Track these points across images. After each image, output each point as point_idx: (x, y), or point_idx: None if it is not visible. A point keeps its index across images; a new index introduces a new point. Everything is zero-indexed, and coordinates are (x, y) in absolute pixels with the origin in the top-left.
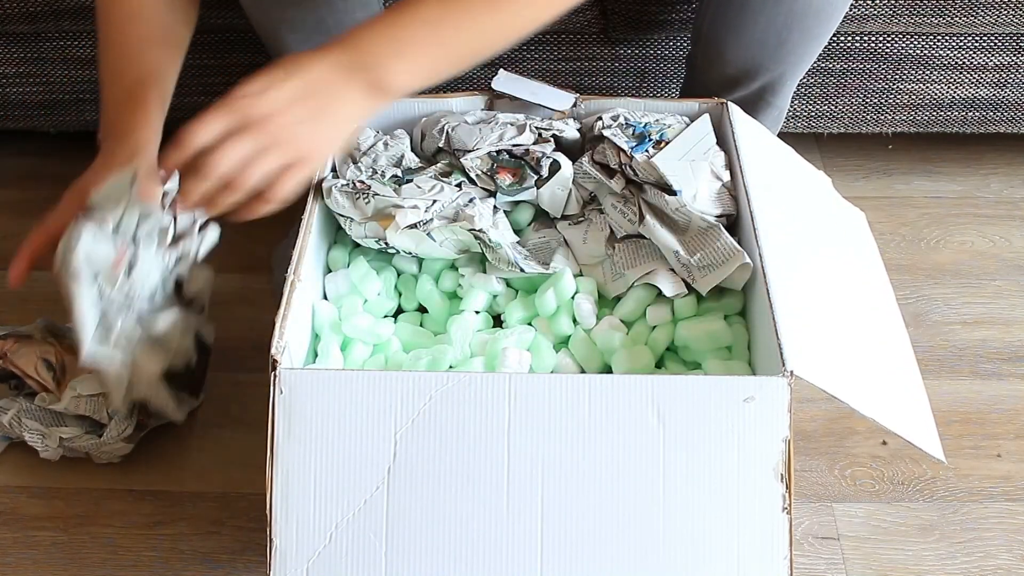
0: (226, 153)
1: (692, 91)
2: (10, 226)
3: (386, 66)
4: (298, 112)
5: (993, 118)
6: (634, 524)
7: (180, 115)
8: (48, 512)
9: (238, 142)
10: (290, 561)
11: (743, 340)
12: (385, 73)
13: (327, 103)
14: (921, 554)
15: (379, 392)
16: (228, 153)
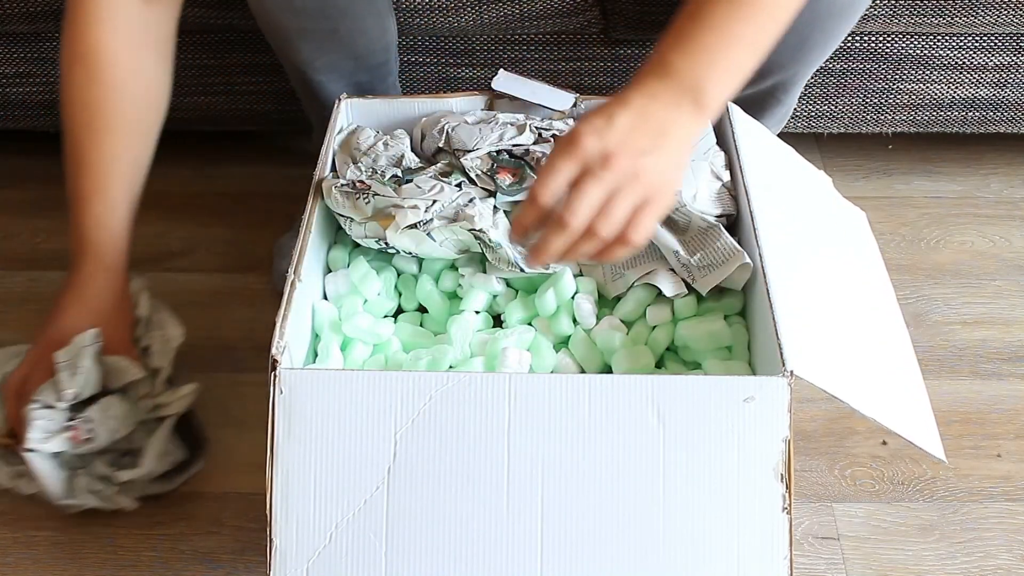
0: (581, 203)
1: None
2: (10, 226)
3: (704, 83)
4: (639, 143)
5: (993, 118)
6: (634, 524)
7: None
8: (48, 512)
9: (590, 189)
10: (290, 561)
11: (743, 340)
12: (705, 89)
13: (663, 129)
14: (921, 554)
15: (379, 392)
16: (583, 203)
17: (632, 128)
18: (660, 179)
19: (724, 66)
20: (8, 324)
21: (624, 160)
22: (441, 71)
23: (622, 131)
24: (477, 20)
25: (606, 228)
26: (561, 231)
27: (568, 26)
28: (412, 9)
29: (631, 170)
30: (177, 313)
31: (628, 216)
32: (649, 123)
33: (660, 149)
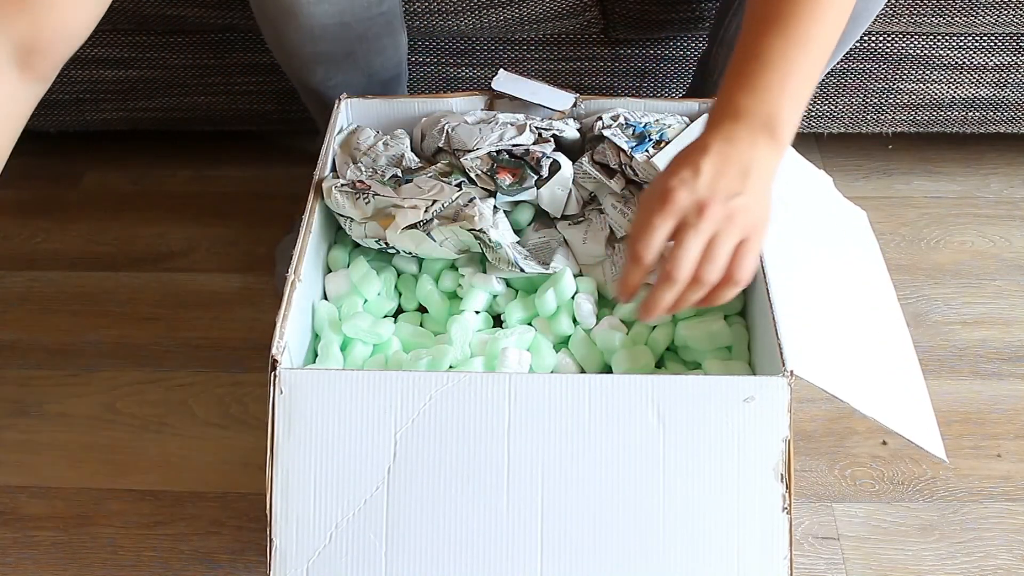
0: (685, 256)
1: (703, 91)
2: (10, 226)
3: (774, 117)
4: (727, 186)
5: (993, 118)
6: (634, 524)
7: (180, 115)
8: (48, 512)
9: (690, 240)
10: (290, 561)
11: (743, 340)
12: (776, 123)
13: (747, 169)
14: (921, 554)
15: (379, 392)
16: (686, 255)
17: (718, 174)
18: (754, 216)
19: (789, 97)
20: (8, 324)
21: (717, 206)
22: (441, 71)
23: (709, 178)
24: (477, 23)
25: (711, 274)
26: (669, 285)
27: (568, 27)
28: (413, 13)
29: (725, 214)
30: (177, 313)
31: (730, 258)
32: (732, 166)
33: (747, 188)
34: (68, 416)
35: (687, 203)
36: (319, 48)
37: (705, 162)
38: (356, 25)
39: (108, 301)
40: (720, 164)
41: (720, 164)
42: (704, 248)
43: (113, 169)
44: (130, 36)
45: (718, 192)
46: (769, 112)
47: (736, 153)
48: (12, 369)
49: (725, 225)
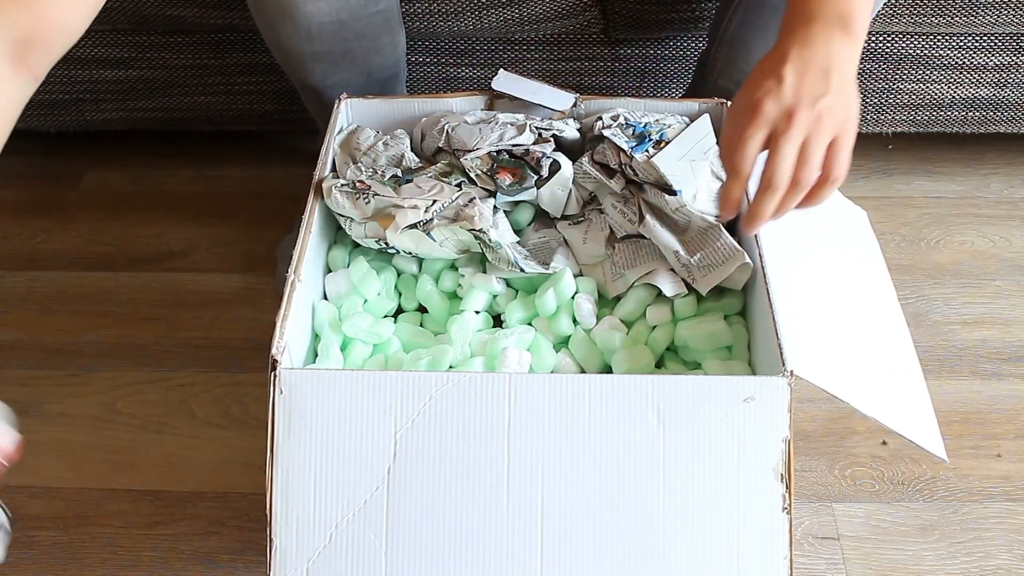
0: (781, 163)
1: (703, 91)
2: (10, 226)
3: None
4: (811, 89)
5: (993, 118)
6: (634, 524)
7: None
8: (48, 512)
9: (785, 147)
10: (290, 561)
11: (743, 340)
12: (849, 17)
13: (826, 68)
14: (921, 554)
15: (379, 392)
16: (783, 162)
17: (801, 78)
18: (841, 114)
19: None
20: (8, 324)
21: (805, 111)
22: (441, 71)
23: (793, 85)
24: (477, 24)
25: (808, 175)
26: (771, 193)
27: (568, 27)
28: (413, 14)
29: (813, 117)
30: (177, 313)
31: (824, 157)
32: (813, 68)
33: (831, 87)
34: (68, 416)
35: (776, 112)
36: (316, 47)
37: (787, 69)
38: (353, 23)
39: (108, 301)
40: (801, 68)
41: (801, 68)
42: (798, 153)
43: (113, 169)
44: (130, 36)
45: (803, 96)
46: (841, 8)
47: (814, 55)
48: (12, 369)
49: (815, 127)
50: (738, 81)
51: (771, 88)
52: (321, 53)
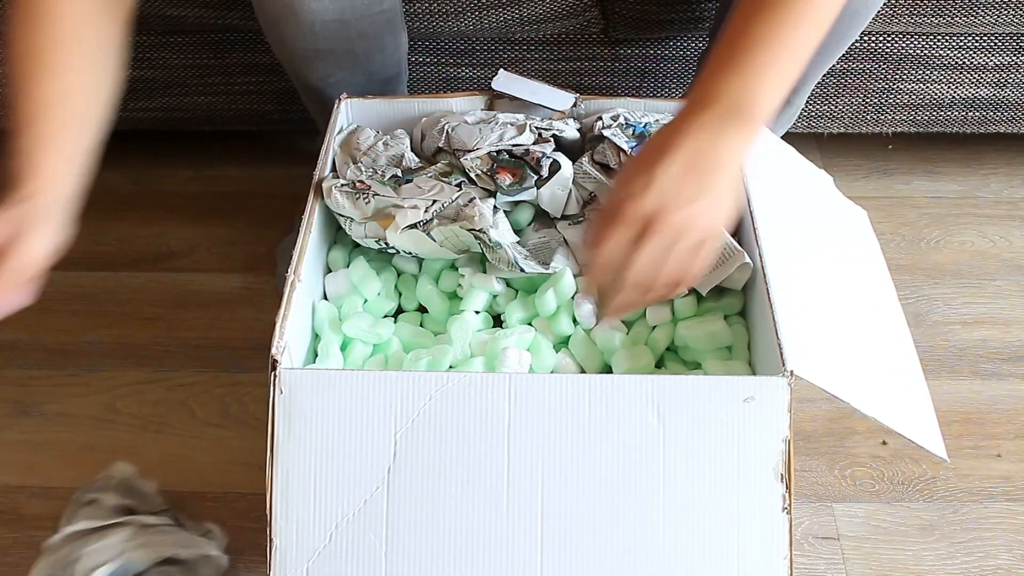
0: (637, 264)
1: None
2: None
3: (751, 102)
4: (688, 192)
5: (993, 118)
6: (634, 524)
7: (180, 115)
8: (48, 512)
9: (645, 248)
10: (290, 561)
11: (743, 340)
12: (752, 107)
13: (711, 166)
14: (921, 554)
15: (379, 392)
16: (640, 263)
17: (679, 181)
18: (712, 218)
19: (773, 80)
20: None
21: (669, 218)
22: (441, 71)
23: (669, 187)
24: (477, 24)
25: (660, 280)
26: (627, 294)
27: (568, 27)
28: (413, 14)
29: (683, 225)
30: (177, 313)
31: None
32: (695, 168)
33: (708, 192)
34: (68, 416)
35: (638, 217)
36: (319, 45)
37: (661, 168)
38: (356, 23)
39: (108, 301)
40: (683, 168)
41: (683, 168)
42: (656, 260)
43: (113, 169)
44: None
45: (670, 203)
46: (747, 96)
47: (702, 149)
48: (12, 369)
49: (680, 237)
50: None
51: (639, 191)
52: (323, 51)
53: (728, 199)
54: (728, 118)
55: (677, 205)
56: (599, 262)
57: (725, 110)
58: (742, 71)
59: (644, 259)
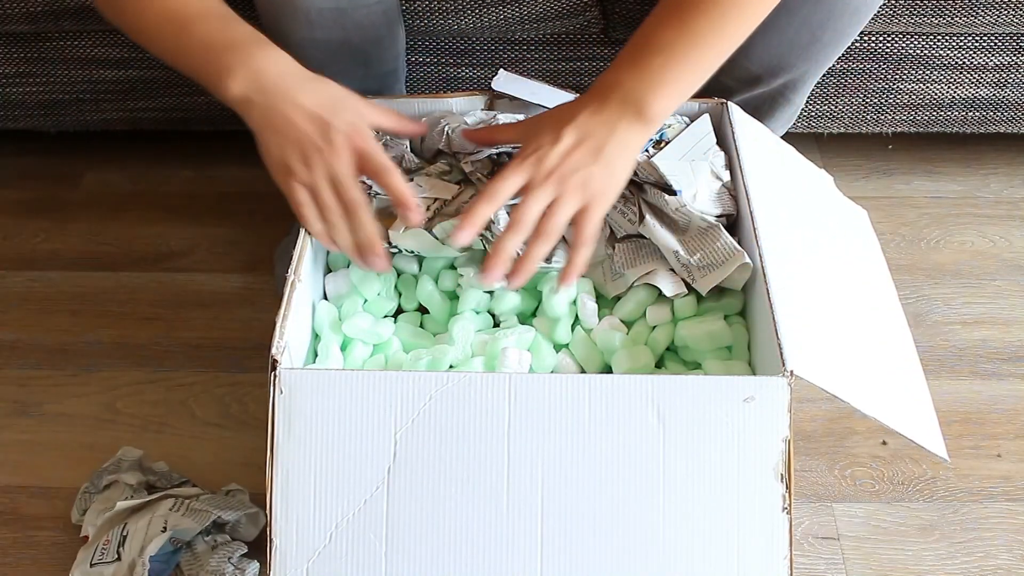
0: (528, 206)
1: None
2: (10, 226)
3: (645, 99)
4: (580, 158)
5: (993, 118)
6: (634, 524)
7: (180, 115)
8: (48, 512)
9: (537, 195)
10: (290, 561)
11: (743, 340)
12: (646, 105)
13: (603, 142)
14: (921, 554)
15: (379, 392)
16: (530, 206)
17: (576, 143)
18: (599, 185)
19: (669, 83)
20: (8, 324)
21: (565, 174)
22: (441, 71)
23: (566, 146)
24: (478, 22)
25: (550, 227)
26: (513, 233)
27: (568, 27)
28: (413, 12)
29: (572, 181)
30: (177, 313)
31: (570, 218)
32: (593, 138)
33: (602, 160)
34: (68, 416)
35: (536, 169)
36: (316, 34)
37: (566, 133)
38: (352, 12)
39: (108, 301)
40: (580, 135)
41: (580, 135)
42: (545, 208)
43: (113, 169)
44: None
45: (568, 160)
46: (643, 92)
47: (596, 129)
48: (12, 369)
49: (566, 190)
50: (738, 78)
51: (543, 145)
52: (320, 41)
53: (618, 177)
54: (623, 108)
55: (570, 166)
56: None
57: (622, 101)
58: (641, 72)
59: (535, 201)
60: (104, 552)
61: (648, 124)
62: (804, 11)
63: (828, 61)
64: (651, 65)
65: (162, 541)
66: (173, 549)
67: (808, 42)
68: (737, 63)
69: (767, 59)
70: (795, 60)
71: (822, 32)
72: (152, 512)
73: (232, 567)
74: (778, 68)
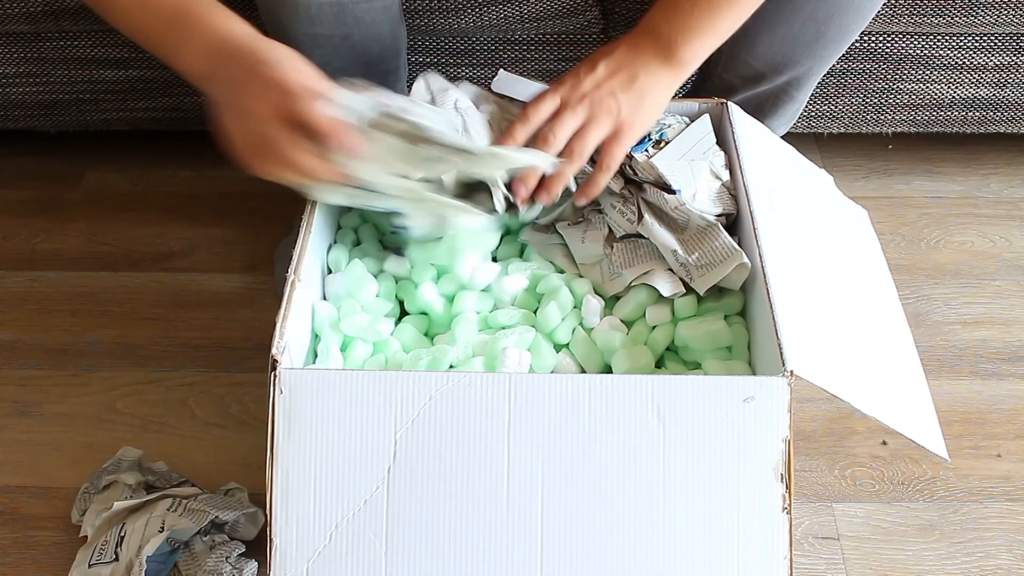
0: (561, 124)
1: (707, 86)
2: (10, 226)
3: (678, 44)
4: (612, 85)
5: (993, 118)
6: (634, 524)
7: (180, 115)
8: (48, 512)
9: (569, 116)
10: (290, 561)
11: (743, 340)
12: (678, 50)
13: (635, 75)
14: (921, 554)
15: (379, 392)
16: (563, 124)
17: (610, 74)
18: (630, 114)
19: (700, 29)
20: (8, 324)
21: (597, 99)
22: (441, 71)
23: (600, 75)
24: (477, 21)
25: (579, 148)
26: (544, 146)
27: (568, 27)
28: (413, 11)
29: (603, 106)
30: (177, 313)
31: (599, 142)
32: (625, 70)
33: (632, 91)
34: (68, 416)
35: (572, 90)
36: (316, 29)
37: (603, 63)
38: (353, 7)
39: (108, 301)
40: (615, 67)
41: (615, 67)
42: (576, 128)
43: (113, 169)
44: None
45: (603, 88)
46: (677, 36)
47: (632, 61)
48: (12, 369)
49: (598, 113)
50: (742, 75)
51: (580, 72)
52: (321, 36)
53: (651, 107)
54: (657, 50)
55: (604, 92)
56: (532, 112)
57: (656, 43)
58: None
59: (567, 122)
60: (102, 552)
61: (680, 67)
62: (808, 7)
63: (832, 58)
64: (682, 10)
65: (159, 541)
66: (171, 549)
67: (812, 38)
68: (741, 60)
69: (771, 56)
70: (799, 57)
71: (826, 28)
72: (150, 512)
73: (230, 567)
74: (782, 65)
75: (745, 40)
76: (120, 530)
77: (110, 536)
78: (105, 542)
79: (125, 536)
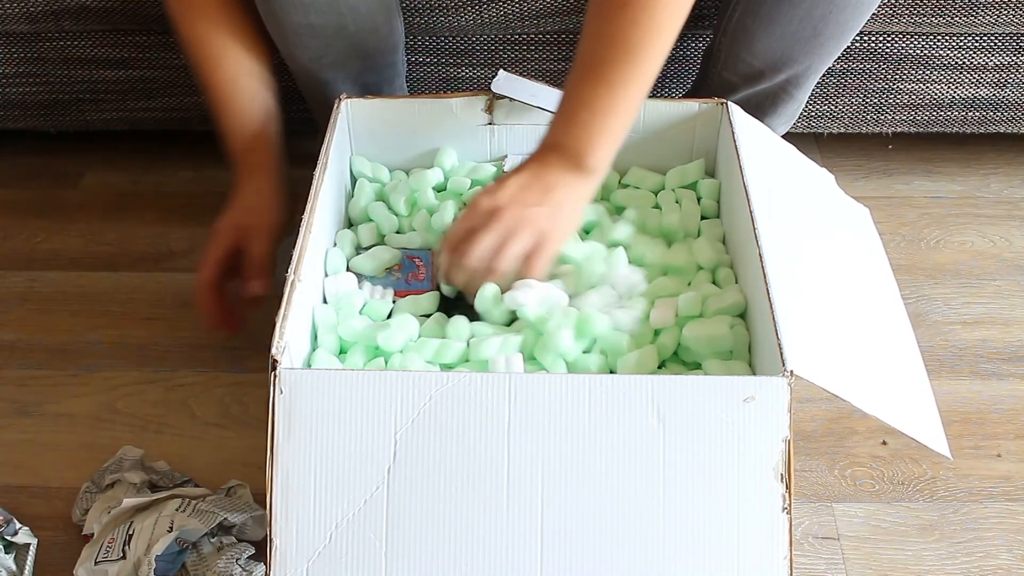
0: (477, 244)
1: (707, 85)
2: (10, 226)
3: (586, 153)
4: (527, 198)
5: (993, 118)
6: (634, 524)
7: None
8: (48, 512)
9: (485, 234)
10: (290, 561)
11: (744, 341)
12: (586, 159)
13: (550, 186)
14: (921, 554)
15: (379, 392)
16: (479, 244)
17: (521, 188)
18: (549, 225)
19: (604, 134)
20: (8, 324)
21: (513, 211)
22: (441, 71)
23: (512, 191)
24: (477, 19)
25: (500, 264)
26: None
27: (568, 25)
28: (412, 8)
29: (520, 219)
30: (177, 313)
31: (521, 257)
32: (537, 183)
33: (548, 202)
34: (68, 416)
35: (486, 209)
36: (311, 19)
37: (514, 179)
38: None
39: (108, 301)
40: (526, 181)
41: (526, 181)
42: (495, 246)
43: (113, 169)
44: (130, 36)
45: (517, 201)
46: (580, 146)
47: (544, 174)
48: (12, 369)
49: (519, 228)
50: (741, 73)
51: (493, 191)
52: (315, 27)
53: (568, 217)
54: (566, 161)
55: (519, 205)
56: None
57: (563, 155)
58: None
59: (484, 241)
60: (109, 550)
61: (591, 174)
62: (805, 4)
63: (831, 56)
64: (580, 122)
65: (168, 541)
66: (179, 549)
67: (810, 36)
68: (740, 58)
69: (769, 54)
70: (797, 55)
71: (824, 26)
72: (158, 511)
73: (240, 568)
74: (780, 63)
75: (744, 38)
76: (128, 528)
77: (117, 534)
78: (112, 540)
79: (133, 535)
